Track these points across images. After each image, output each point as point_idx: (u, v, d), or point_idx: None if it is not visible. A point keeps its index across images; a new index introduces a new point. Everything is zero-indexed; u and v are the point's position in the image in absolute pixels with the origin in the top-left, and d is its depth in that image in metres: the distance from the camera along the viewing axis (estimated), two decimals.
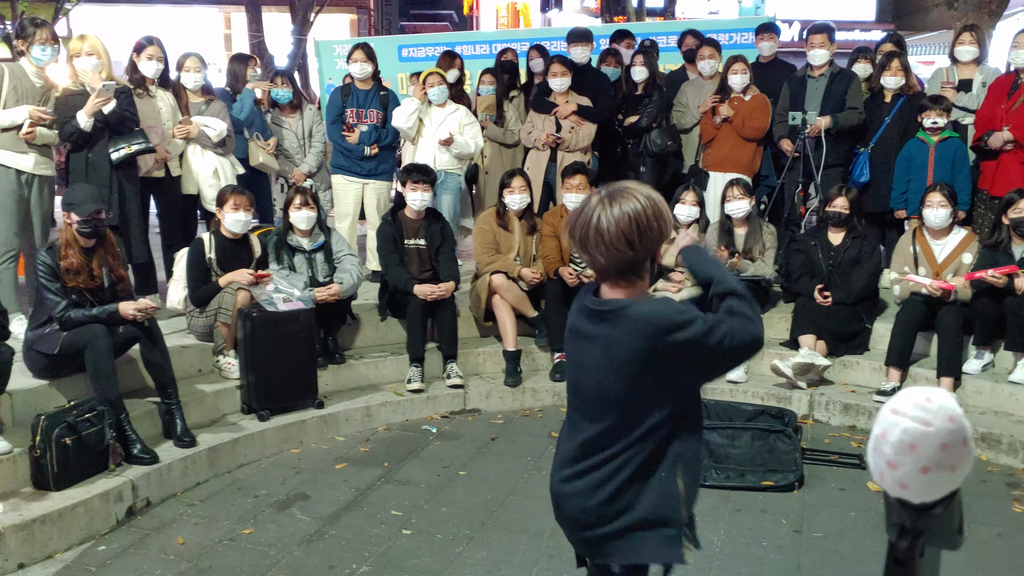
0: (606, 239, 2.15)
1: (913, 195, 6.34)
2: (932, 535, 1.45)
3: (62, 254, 4.61)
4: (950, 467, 1.40)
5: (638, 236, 2.15)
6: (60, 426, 4.20)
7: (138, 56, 6.05)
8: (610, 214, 2.15)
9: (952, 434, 1.37)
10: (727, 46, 8.60)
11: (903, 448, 1.38)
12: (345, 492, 4.69)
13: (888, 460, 1.40)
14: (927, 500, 1.44)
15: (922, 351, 5.80)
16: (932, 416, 1.38)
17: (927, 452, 1.38)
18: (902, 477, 1.40)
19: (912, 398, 1.40)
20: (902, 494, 1.43)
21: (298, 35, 16.61)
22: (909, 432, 1.38)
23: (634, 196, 2.17)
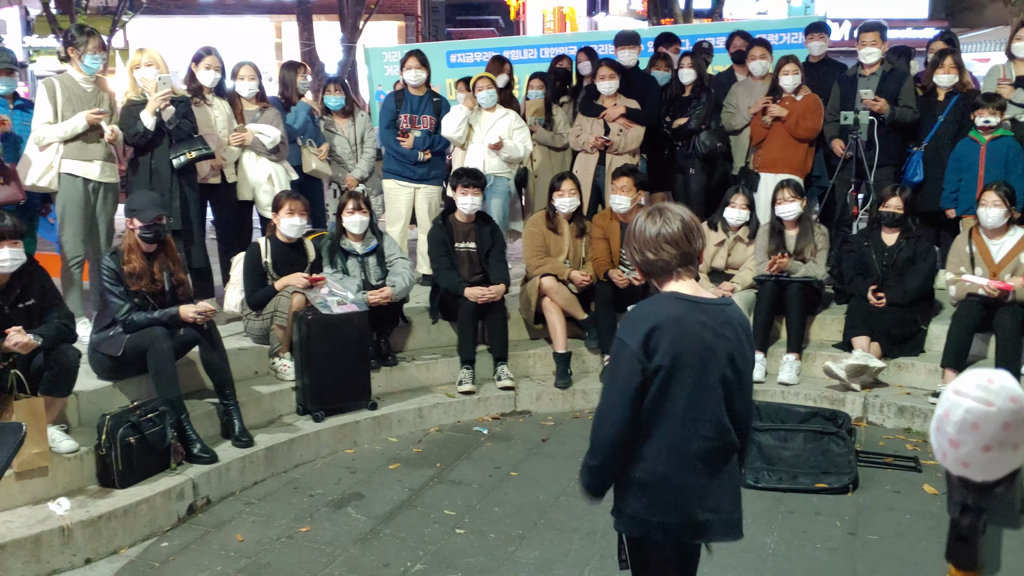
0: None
1: (964, 194, 6.25)
2: (993, 513, 1.48)
3: (125, 259, 4.75)
4: (1012, 446, 1.43)
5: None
6: (124, 425, 4.33)
7: (196, 66, 6.20)
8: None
9: (1014, 414, 1.40)
10: (776, 46, 8.54)
11: (966, 427, 1.41)
12: (399, 492, 4.76)
13: (951, 439, 1.44)
14: (989, 479, 1.47)
15: (979, 353, 5.71)
16: (994, 396, 1.41)
17: (989, 431, 1.41)
18: (965, 456, 1.44)
19: (974, 379, 1.43)
20: (964, 472, 1.46)
21: (347, 43, 16.81)
22: (972, 412, 1.42)
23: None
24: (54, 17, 16.79)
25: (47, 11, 16.75)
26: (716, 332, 2.43)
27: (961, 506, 1.50)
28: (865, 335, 5.81)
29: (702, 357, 2.41)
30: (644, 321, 2.42)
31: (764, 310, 5.97)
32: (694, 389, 2.42)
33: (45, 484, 4.16)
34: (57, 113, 5.45)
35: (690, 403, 2.42)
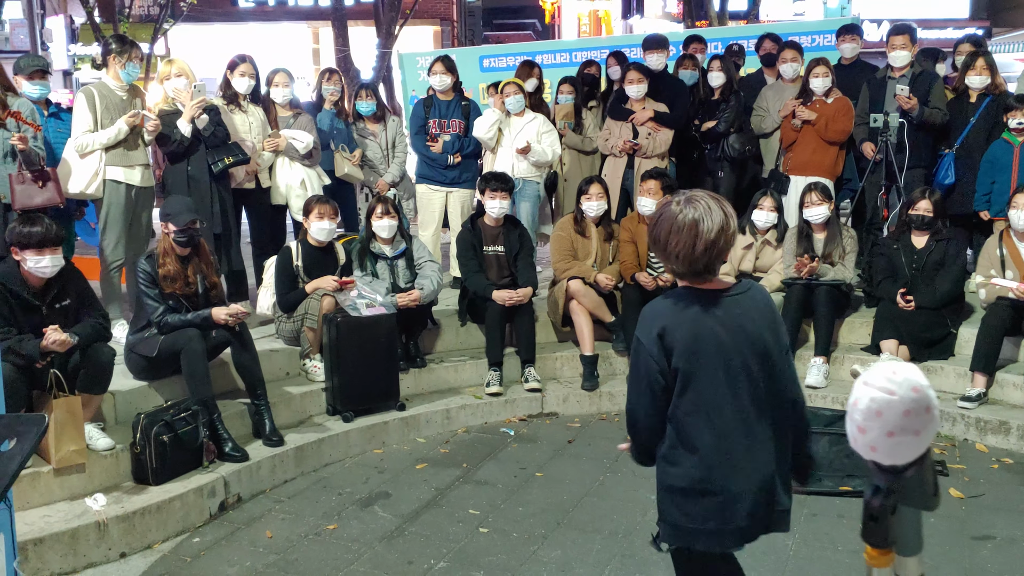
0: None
1: (997, 196, 6.20)
2: (905, 496, 1.59)
3: (160, 262, 4.88)
4: (914, 432, 1.56)
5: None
6: (158, 424, 4.46)
7: (231, 73, 6.34)
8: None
9: (914, 402, 1.51)
10: (810, 48, 8.52)
11: (871, 414, 1.53)
12: (425, 491, 4.84)
13: (859, 425, 1.57)
14: (896, 463, 1.59)
15: (1010, 356, 5.66)
16: (897, 387, 1.53)
17: (892, 418, 1.54)
18: (871, 441, 1.55)
19: (881, 371, 1.54)
20: (873, 456, 1.58)
21: (383, 48, 17.00)
22: (876, 400, 1.55)
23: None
24: (98, 26, 17.23)
25: (91, 20, 17.16)
26: (732, 326, 2.40)
27: (874, 488, 1.58)
28: (894, 338, 5.79)
29: (721, 356, 2.38)
30: (657, 320, 2.43)
31: (792, 313, 5.96)
32: (716, 390, 2.38)
33: (82, 480, 4.30)
34: (97, 121, 5.61)
35: (714, 406, 2.39)
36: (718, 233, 2.35)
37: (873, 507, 1.59)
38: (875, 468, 1.59)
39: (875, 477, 1.60)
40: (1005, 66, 11.52)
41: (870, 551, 1.63)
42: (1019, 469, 5.02)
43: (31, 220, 4.28)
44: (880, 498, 1.58)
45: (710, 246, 2.35)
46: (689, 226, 2.35)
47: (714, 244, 2.36)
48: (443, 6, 22.53)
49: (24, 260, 4.21)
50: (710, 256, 2.37)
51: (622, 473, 5.02)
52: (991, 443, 5.29)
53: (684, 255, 2.37)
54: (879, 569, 1.66)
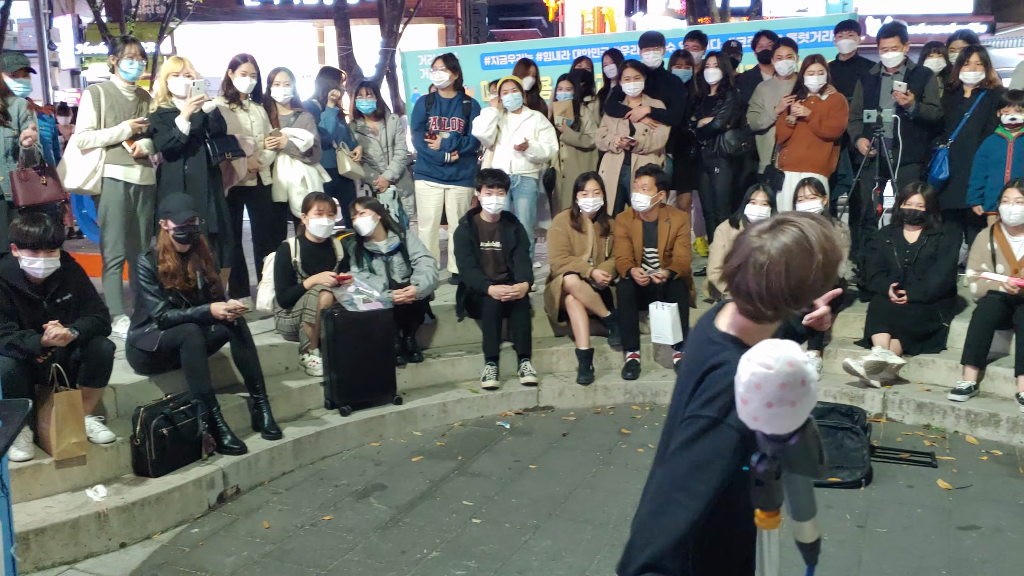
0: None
1: (991, 191, 6.24)
2: (793, 464, 1.73)
3: (160, 258, 4.97)
4: (790, 403, 1.68)
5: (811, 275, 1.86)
6: (158, 417, 4.55)
7: (233, 72, 6.41)
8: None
9: (790, 376, 1.66)
10: (809, 44, 8.57)
11: (751, 387, 1.68)
12: (420, 483, 4.92)
13: (741, 397, 1.71)
14: (778, 432, 1.71)
15: (1001, 349, 5.71)
16: (773, 361, 1.66)
17: (770, 390, 1.67)
18: (753, 411, 1.70)
19: (762, 347, 1.68)
20: (755, 426, 1.72)
21: (386, 46, 17.08)
22: (756, 374, 1.67)
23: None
24: (104, 25, 17.33)
25: (98, 19, 17.27)
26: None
27: (760, 456, 1.74)
28: (885, 332, 5.84)
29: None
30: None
31: None
32: None
33: (83, 472, 4.39)
34: (100, 119, 5.70)
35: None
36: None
37: (759, 472, 1.74)
38: (762, 437, 1.72)
39: (762, 446, 1.73)
40: (1007, 61, 11.53)
41: (759, 514, 1.78)
42: (1008, 461, 5.07)
43: (34, 220, 4.35)
44: (764, 464, 1.72)
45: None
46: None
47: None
48: (447, 4, 22.60)
49: (20, 258, 4.30)
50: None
51: (615, 466, 5.10)
52: (981, 435, 5.35)
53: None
54: (768, 531, 1.82)
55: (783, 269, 1.81)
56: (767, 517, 1.80)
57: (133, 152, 5.70)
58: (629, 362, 6.18)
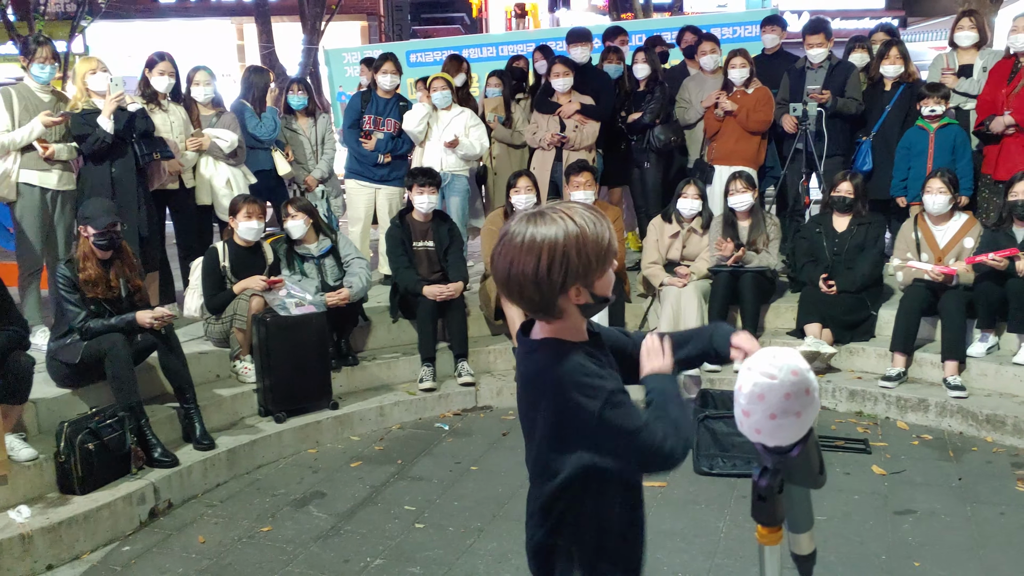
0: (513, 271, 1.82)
1: (913, 182, 6.40)
2: (793, 475, 1.65)
3: (80, 266, 4.77)
4: (795, 414, 1.62)
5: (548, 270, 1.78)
6: (83, 432, 4.36)
7: (150, 72, 6.21)
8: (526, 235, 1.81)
9: (794, 385, 1.59)
10: (732, 39, 8.68)
11: (754, 398, 1.59)
12: (360, 489, 4.82)
13: (743, 409, 1.63)
14: (780, 444, 1.64)
15: (927, 336, 5.86)
16: (777, 370, 1.60)
17: (774, 401, 1.60)
18: (756, 423, 1.62)
19: (763, 356, 1.60)
20: (758, 439, 1.64)
21: (308, 44, 16.79)
22: (758, 384, 1.61)
23: (556, 218, 1.80)
24: (12, 24, 16.63)
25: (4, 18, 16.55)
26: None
27: (760, 469, 1.65)
28: (817, 322, 5.94)
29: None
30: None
31: (719, 300, 6.08)
32: None
33: (5, 492, 4.18)
34: (14, 122, 5.46)
35: None
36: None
37: (761, 487, 1.66)
38: (762, 450, 1.66)
39: (762, 458, 1.66)
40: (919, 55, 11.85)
41: (760, 530, 1.71)
42: (938, 444, 5.20)
43: None
44: (767, 478, 1.65)
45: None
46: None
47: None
48: (370, 1, 22.32)
49: None
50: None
51: None
52: (911, 420, 5.47)
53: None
54: (769, 547, 1.74)
55: (525, 258, 1.77)
56: (768, 533, 1.73)
57: (44, 153, 5.46)
58: None
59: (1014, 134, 6.19)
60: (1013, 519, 4.27)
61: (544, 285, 1.78)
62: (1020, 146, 6.21)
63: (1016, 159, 6.18)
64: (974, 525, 4.21)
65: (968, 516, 4.31)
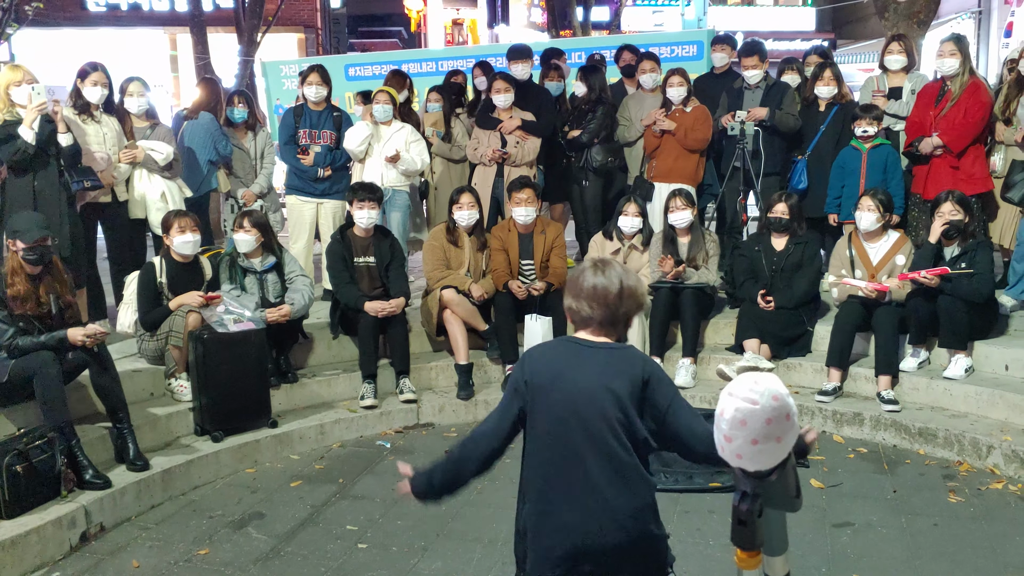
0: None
1: (847, 200, 6.55)
2: (771, 499, 1.67)
3: (8, 282, 4.62)
4: (775, 439, 1.63)
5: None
6: (10, 454, 4.21)
7: (82, 82, 6.05)
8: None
9: (775, 410, 1.59)
10: (669, 58, 8.79)
11: (736, 424, 1.60)
12: (300, 509, 4.73)
13: (725, 435, 1.63)
14: (761, 468, 1.66)
15: (861, 351, 5.99)
16: (758, 396, 1.60)
17: (755, 426, 1.62)
18: (737, 448, 1.62)
19: (744, 382, 1.61)
20: (739, 463, 1.64)
21: (245, 56, 16.55)
22: (740, 410, 1.63)
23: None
24: None
25: None
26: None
27: (740, 493, 1.65)
28: (755, 337, 6.03)
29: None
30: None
31: (660, 316, 6.14)
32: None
33: None
34: None
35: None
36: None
37: (741, 512, 1.66)
38: (741, 474, 1.66)
39: (741, 483, 1.66)
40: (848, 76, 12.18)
41: (740, 554, 1.70)
42: (873, 458, 5.31)
43: None
44: (748, 503, 1.66)
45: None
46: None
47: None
48: (307, 13, 22.10)
49: None
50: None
51: (500, 481, 4.99)
52: (847, 434, 5.58)
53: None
54: (748, 571, 1.73)
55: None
56: (748, 557, 1.73)
57: None
58: (508, 375, 6.14)
59: (942, 155, 6.38)
60: (946, 530, 4.37)
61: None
62: (948, 166, 6.40)
63: (944, 179, 6.36)
64: (909, 536, 4.31)
65: (903, 527, 4.40)
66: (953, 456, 5.21)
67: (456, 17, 26.35)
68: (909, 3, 10.37)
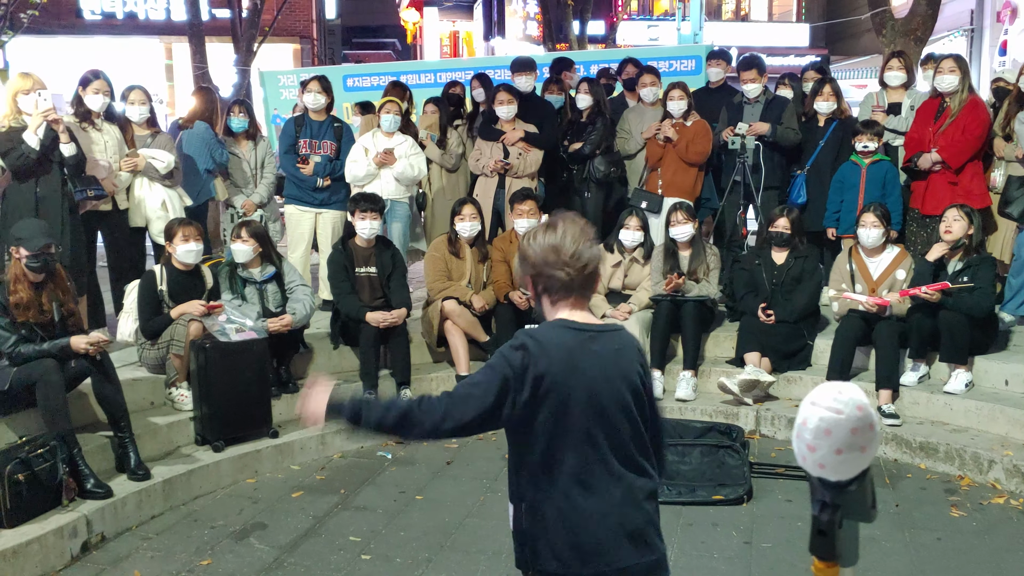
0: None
1: (846, 215, 6.58)
2: (849, 509, 1.67)
3: (11, 289, 4.59)
4: (860, 448, 1.65)
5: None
6: (12, 462, 4.17)
7: (84, 90, 6.04)
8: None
9: (860, 420, 1.61)
10: (669, 73, 8.84)
11: (820, 433, 1.61)
12: (302, 520, 4.71)
13: (808, 444, 1.64)
14: (842, 478, 1.66)
15: (861, 365, 6.00)
16: (843, 405, 1.62)
17: (840, 436, 1.63)
18: (820, 458, 1.64)
19: (827, 391, 1.62)
20: (821, 473, 1.65)
21: (241, 65, 16.56)
22: (825, 420, 1.63)
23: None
24: None
25: None
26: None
27: (821, 504, 1.66)
28: (756, 351, 6.04)
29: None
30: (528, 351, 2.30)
31: (660, 328, 6.14)
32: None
33: None
34: None
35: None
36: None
37: (822, 522, 1.66)
38: (819, 484, 1.66)
39: (819, 493, 1.66)
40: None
41: (817, 564, 1.70)
42: (874, 472, 5.28)
43: None
44: (828, 513, 1.65)
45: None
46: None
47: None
48: (303, 24, 22.14)
49: None
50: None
51: (502, 493, 4.97)
52: None
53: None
54: None
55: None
56: (826, 568, 1.72)
57: None
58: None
59: (940, 170, 6.42)
60: (949, 544, 4.38)
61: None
62: (946, 182, 6.44)
63: (942, 194, 6.40)
64: (913, 551, 4.31)
65: (907, 542, 4.40)
66: (954, 471, 5.22)
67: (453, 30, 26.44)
68: (907, 20, 10.46)
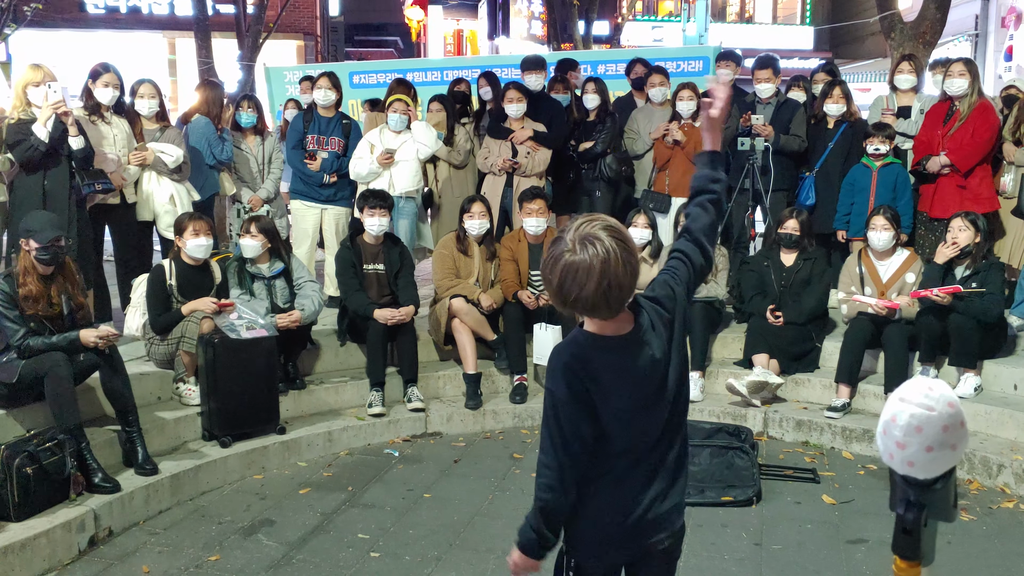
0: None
1: (856, 217, 6.57)
2: (933, 508, 1.64)
3: (20, 281, 4.57)
4: (951, 446, 1.62)
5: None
6: (21, 455, 4.16)
7: (94, 83, 6.02)
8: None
9: (952, 417, 1.60)
10: (676, 73, 8.82)
11: (911, 430, 1.59)
12: (310, 517, 4.69)
13: (898, 441, 1.62)
14: (930, 476, 1.64)
15: (870, 368, 5.99)
16: (935, 402, 1.60)
17: (931, 433, 1.60)
18: (910, 456, 1.62)
19: (918, 387, 1.61)
20: (909, 471, 1.63)
21: (246, 61, 16.55)
22: (916, 416, 1.60)
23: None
24: None
25: None
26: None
27: (906, 502, 1.64)
28: (764, 352, 6.02)
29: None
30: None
31: None
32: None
33: None
34: None
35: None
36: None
37: (907, 521, 1.65)
38: (903, 482, 1.64)
39: (903, 491, 1.65)
40: None
41: (899, 563, 1.69)
42: (883, 475, 5.29)
43: None
44: (915, 511, 1.63)
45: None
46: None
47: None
48: (307, 21, 22.14)
49: None
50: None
51: (510, 491, 5.02)
52: (856, 451, 5.57)
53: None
54: None
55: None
56: (908, 567, 1.71)
57: None
58: (517, 385, 6.12)
59: (949, 174, 6.41)
60: (960, 548, 4.36)
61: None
62: (954, 185, 6.43)
63: (950, 198, 6.39)
64: None
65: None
66: (963, 475, 5.21)
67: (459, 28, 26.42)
68: (916, 23, 10.45)
